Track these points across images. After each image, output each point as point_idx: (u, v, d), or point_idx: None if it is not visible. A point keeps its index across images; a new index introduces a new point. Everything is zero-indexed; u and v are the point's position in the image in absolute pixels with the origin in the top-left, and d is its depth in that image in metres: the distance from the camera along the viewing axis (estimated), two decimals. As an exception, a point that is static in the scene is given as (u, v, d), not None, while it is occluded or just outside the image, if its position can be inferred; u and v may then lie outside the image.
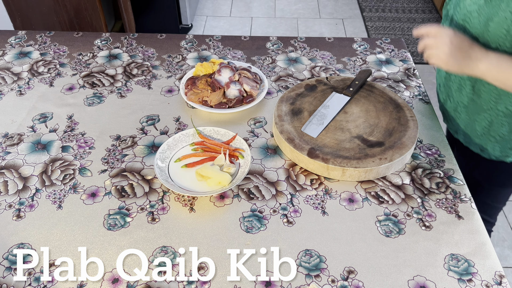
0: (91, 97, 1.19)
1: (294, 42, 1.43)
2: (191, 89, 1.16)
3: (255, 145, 1.05)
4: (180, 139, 1.03)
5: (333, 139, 0.99)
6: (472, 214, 0.89)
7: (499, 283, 0.77)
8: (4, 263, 0.80)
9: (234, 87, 1.14)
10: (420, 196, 0.92)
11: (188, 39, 1.44)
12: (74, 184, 0.95)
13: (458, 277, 0.78)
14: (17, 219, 0.88)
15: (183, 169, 0.97)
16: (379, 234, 0.85)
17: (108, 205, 0.90)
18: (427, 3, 3.52)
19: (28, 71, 1.29)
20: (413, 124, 1.02)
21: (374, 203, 0.91)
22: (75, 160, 1.01)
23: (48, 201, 0.91)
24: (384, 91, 1.13)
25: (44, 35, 1.45)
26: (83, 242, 0.83)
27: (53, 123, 1.11)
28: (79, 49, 1.39)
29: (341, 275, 0.78)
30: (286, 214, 0.89)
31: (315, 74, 1.28)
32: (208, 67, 1.21)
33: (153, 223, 0.87)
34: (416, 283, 0.77)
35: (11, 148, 1.04)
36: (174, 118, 1.12)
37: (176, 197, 0.92)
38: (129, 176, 0.97)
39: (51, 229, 0.86)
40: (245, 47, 1.40)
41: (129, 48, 1.39)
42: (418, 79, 1.26)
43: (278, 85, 1.24)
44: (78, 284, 0.77)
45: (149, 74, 1.28)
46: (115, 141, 1.05)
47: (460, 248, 0.83)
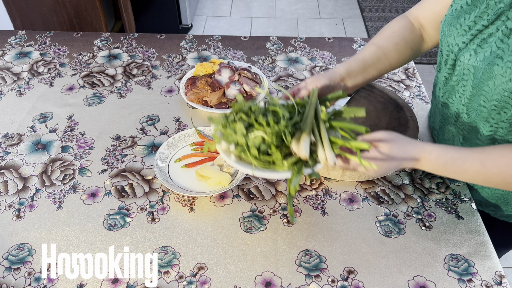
0: (91, 97, 1.19)
1: (294, 42, 1.43)
2: (191, 89, 1.16)
3: (255, 145, 1.04)
4: (180, 139, 1.03)
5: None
6: (472, 214, 0.89)
7: (499, 283, 0.77)
8: (4, 263, 0.80)
9: (234, 87, 1.14)
10: (420, 196, 0.92)
11: (188, 39, 1.44)
12: (74, 184, 0.95)
13: (458, 277, 0.78)
14: (17, 219, 0.88)
15: (183, 169, 0.97)
16: (379, 234, 0.85)
17: (108, 205, 0.90)
18: (427, 3, 3.52)
19: (28, 71, 1.29)
20: (413, 124, 1.02)
21: (374, 203, 0.91)
22: (75, 160, 1.01)
23: (48, 201, 0.91)
24: (384, 91, 1.13)
25: (44, 35, 1.45)
26: (83, 242, 0.83)
27: (53, 123, 1.11)
28: (79, 49, 1.39)
29: (341, 275, 0.78)
30: (286, 214, 0.89)
31: (315, 74, 1.28)
32: (208, 67, 1.21)
33: (153, 223, 0.87)
34: (416, 283, 0.77)
35: (11, 148, 1.04)
36: (174, 118, 1.12)
37: (176, 197, 0.92)
38: (129, 176, 0.97)
39: (51, 229, 0.86)
40: (245, 47, 1.40)
41: (129, 48, 1.39)
42: (418, 79, 1.26)
43: (278, 85, 1.24)
44: (78, 284, 0.77)
45: (149, 74, 1.28)
46: (115, 141, 1.05)
47: (460, 248, 0.83)
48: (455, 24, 0.81)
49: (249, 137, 0.70)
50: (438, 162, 0.71)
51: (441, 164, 0.71)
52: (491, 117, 0.78)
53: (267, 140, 0.70)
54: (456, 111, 0.86)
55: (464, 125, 0.85)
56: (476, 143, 0.85)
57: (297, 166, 0.70)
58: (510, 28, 0.71)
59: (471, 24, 0.78)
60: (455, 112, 0.87)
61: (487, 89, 0.75)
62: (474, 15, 0.78)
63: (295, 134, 0.71)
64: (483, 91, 0.76)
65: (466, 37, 0.78)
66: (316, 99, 0.77)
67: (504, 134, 0.79)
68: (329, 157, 0.69)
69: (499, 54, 0.72)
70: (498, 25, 0.74)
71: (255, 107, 0.75)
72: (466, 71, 0.80)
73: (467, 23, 0.78)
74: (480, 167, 0.70)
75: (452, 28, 0.81)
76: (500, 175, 0.70)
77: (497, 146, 0.73)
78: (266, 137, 0.70)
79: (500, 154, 0.70)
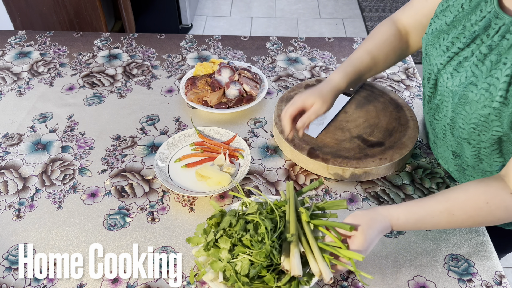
0: (91, 97, 1.19)
1: (294, 42, 1.43)
2: (191, 89, 1.16)
3: (255, 145, 1.04)
4: (180, 139, 1.02)
5: (333, 139, 0.99)
6: (472, 214, 0.89)
7: (499, 283, 0.77)
8: (4, 263, 0.80)
9: (234, 87, 1.14)
10: (420, 196, 0.92)
11: (188, 39, 1.44)
12: (74, 184, 0.95)
13: (458, 277, 0.78)
14: (17, 219, 0.88)
15: (183, 169, 0.97)
16: (379, 234, 0.85)
17: (108, 205, 0.90)
18: (427, 3, 3.52)
19: (28, 71, 1.29)
20: (413, 124, 1.02)
21: (374, 203, 0.91)
22: (75, 160, 1.01)
23: (48, 201, 0.91)
24: (384, 91, 1.13)
25: (44, 35, 1.45)
26: (83, 242, 0.83)
27: (53, 123, 1.11)
28: (79, 49, 1.39)
29: (341, 275, 0.78)
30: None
31: (315, 74, 1.28)
32: (208, 67, 1.21)
33: (153, 223, 0.87)
34: (416, 283, 0.77)
35: (11, 148, 1.04)
36: (174, 118, 1.12)
37: (176, 197, 0.92)
38: (129, 176, 0.97)
39: (51, 229, 0.86)
40: (245, 47, 1.40)
41: (129, 48, 1.39)
42: (418, 79, 1.26)
43: (278, 85, 1.24)
44: (78, 284, 0.77)
45: (149, 74, 1.28)
46: (115, 141, 1.05)
47: (460, 248, 0.83)
48: (435, 43, 0.81)
49: (236, 263, 0.67)
50: (408, 224, 0.70)
51: (412, 225, 0.71)
52: (472, 138, 0.78)
53: (256, 262, 0.67)
54: (443, 129, 0.86)
55: (452, 142, 0.86)
56: (465, 160, 0.86)
57: (294, 285, 0.67)
58: (484, 54, 0.71)
59: (449, 45, 0.78)
60: (442, 129, 0.87)
61: (464, 113, 0.76)
62: (452, 36, 0.78)
63: (282, 245, 0.69)
64: (461, 115, 0.77)
65: (444, 58, 0.78)
66: (294, 197, 0.75)
67: (488, 153, 0.80)
68: (324, 273, 0.66)
69: (473, 81, 0.72)
70: (473, 48, 0.74)
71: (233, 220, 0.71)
72: (445, 93, 0.80)
73: (445, 43, 0.78)
74: (450, 217, 0.69)
75: (432, 47, 0.82)
76: (470, 219, 0.69)
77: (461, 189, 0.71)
78: (253, 259, 0.67)
79: (465, 198, 0.69)
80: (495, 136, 0.74)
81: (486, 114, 0.72)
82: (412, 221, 0.70)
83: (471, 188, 0.70)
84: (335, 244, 0.69)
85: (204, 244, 0.71)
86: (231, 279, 0.67)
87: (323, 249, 0.69)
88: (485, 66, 0.71)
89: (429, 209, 0.70)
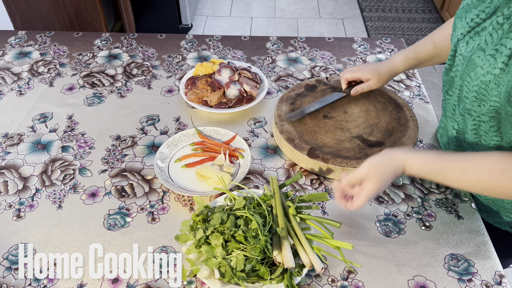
0: (91, 97, 1.19)
1: (294, 42, 1.43)
2: (191, 89, 1.16)
3: (255, 145, 1.05)
4: (180, 139, 1.03)
5: (333, 139, 0.99)
6: (472, 214, 0.89)
7: (499, 283, 0.77)
8: (4, 263, 0.80)
9: (234, 87, 1.14)
10: (420, 196, 0.92)
11: (188, 39, 1.44)
12: (74, 184, 0.95)
13: (458, 277, 0.78)
14: (17, 219, 0.88)
15: (183, 169, 0.97)
16: (379, 234, 0.85)
17: (108, 205, 0.90)
18: (427, 3, 3.52)
19: (28, 71, 1.29)
20: (413, 124, 1.02)
21: (374, 203, 0.91)
22: (75, 160, 1.01)
23: (48, 201, 0.91)
24: (384, 91, 1.13)
25: (44, 35, 1.45)
26: (83, 242, 0.83)
27: (53, 123, 1.11)
28: (79, 49, 1.39)
29: (341, 275, 0.78)
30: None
31: (315, 74, 1.28)
32: (208, 67, 1.21)
33: (153, 223, 0.87)
34: (416, 283, 0.77)
35: (11, 148, 1.04)
36: (174, 118, 1.12)
37: (176, 197, 0.92)
38: (129, 176, 0.97)
39: (51, 229, 0.86)
40: (245, 47, 1.40)
41: (129, 48, 1.39)
42: (418, 79, 1.26)
43: (278, 85, 1.24)
44: (78, 284, 0.77)
45: (149, 74, 1.28)
46: (115, 141, 1.05)
47: (460, 248, 0.83)
48: (462, 17, 0.83)
49: (231, 259, 0.69)
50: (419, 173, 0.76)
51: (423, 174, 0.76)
52: (473, 109, 0.80)
53: (250, 257, 0.69)
54: (453, 105, 0.88)
55: (458, 117, 0.87)
56: (466, 138, 0.87)
57: (287, 277, 0.70)
58: (500, 24, 0.73)
59: (474, 17, 0.80)
60: (452, 106, 0.89)
61: (468, 80, 0.77)
62: (479, 9, 0.80)
63: (273, 239, 0.72)
64: (465, 82, 0.79)
65: (465, 29, 0.81)
66: (279, 193, 0.79)
67: (487, 129, 0.80)
68: (315, 264, 0.71)
69: (483, 46, 0.74)
70: (493, 19, 0.76)
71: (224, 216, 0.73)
72: (458, 61, 0.82)
73: (471, 16, 0.81)
74: (461, 177, 0.72)
75: (459, 20, 0.84)
76: (480, 184, 0.71)
77: (481, 154, 0.74)
78: (248, 255, 0.69)
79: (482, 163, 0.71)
80: (493, 107, 0.75)
81: (487, 81, 0.73)
82: (424, 172, 0.75)
83: (491, 156, 0.72)
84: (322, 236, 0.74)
85: (194, 242, 0.72)
86: (227, 275, 0.69)
87: (311, 240, 0.74)
88: (497, 34, 0.73)
89: (444, 165, 0.73)
